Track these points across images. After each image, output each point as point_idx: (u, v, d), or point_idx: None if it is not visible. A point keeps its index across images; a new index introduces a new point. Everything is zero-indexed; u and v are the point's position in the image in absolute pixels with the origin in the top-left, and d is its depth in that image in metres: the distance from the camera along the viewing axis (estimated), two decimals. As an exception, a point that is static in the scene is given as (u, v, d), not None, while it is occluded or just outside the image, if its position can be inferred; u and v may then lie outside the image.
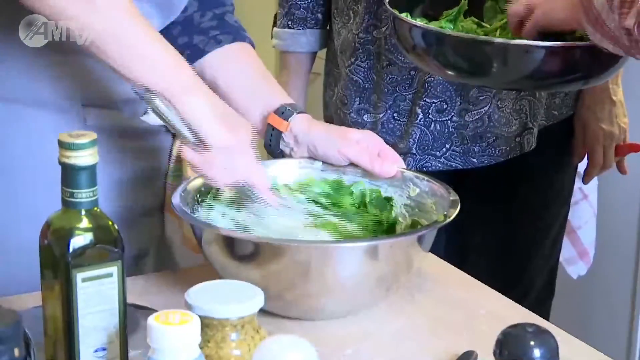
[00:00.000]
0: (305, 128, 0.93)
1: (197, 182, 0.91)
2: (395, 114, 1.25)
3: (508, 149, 1.30)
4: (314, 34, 1.34)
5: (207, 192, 0.91)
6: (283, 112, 0.92)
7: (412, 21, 1.01)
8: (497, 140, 1.29)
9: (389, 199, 0.93)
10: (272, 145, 0.95)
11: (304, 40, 1.34)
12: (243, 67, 0.99)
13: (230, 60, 0.99)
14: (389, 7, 1.03)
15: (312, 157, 0.93)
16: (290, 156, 0.95)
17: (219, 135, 0.81)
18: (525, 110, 1.29)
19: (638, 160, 1.69)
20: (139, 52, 0.80)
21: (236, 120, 0.85)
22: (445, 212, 0.86)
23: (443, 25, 1.06)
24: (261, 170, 0.88)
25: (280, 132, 0.93)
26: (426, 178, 0.92)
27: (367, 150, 0.91)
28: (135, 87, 0.80)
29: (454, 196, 0.88)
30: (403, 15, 1.01)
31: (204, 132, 0.81)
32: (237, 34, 1.01)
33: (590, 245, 1.73)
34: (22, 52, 0.88)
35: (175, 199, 0.86)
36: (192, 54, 0.99)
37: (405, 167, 0.95)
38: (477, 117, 1.26)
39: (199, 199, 0.91)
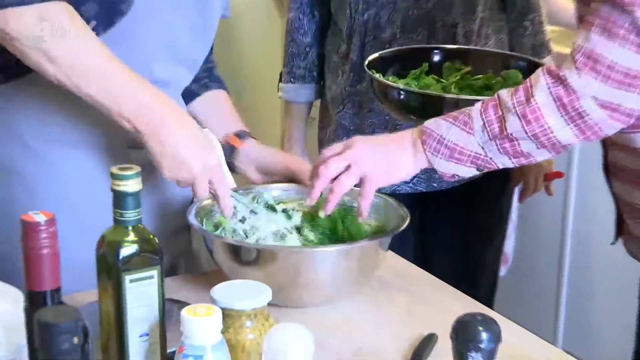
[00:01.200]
0: (255, 148, 0.94)
1: (208, 202, 0.88)
2: None
3: None
4: (311, 87, 1.33)
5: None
6: (239, 135, 0.94)
7: (384, 80, 1.03)
8: None
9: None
10: (228, 159, 0.94)
11: (302, 92, 1.33)
12: (220, 106, 1.00)
13: (212, 101, 1.00)
14: (367, 69, 1.04)
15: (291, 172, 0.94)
16: (243, 172, 0.95)
17: (178, 146, 0.75)
18: None
19: (559, 184, 1.71)
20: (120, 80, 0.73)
21: (206, 146, 0.80)
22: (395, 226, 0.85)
23: (409, 82, 1.05)
24: (226, 185, 0.82)
25: (235, 148, 0.93)
26: (392, 200, 0.87)
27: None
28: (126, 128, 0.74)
29: (403, 218, 0.83)
30: (377, 76, 1.03)
31: (182, 157, 0.75)
32: (220, 84, 1.03)
33: (510, 252, 1.76)
34: (78, 104, 0.84)
35: (190, 216, 0.83)
36: (188, 95, 0.97)
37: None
38: None
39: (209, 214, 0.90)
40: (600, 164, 0.98)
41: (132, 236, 0.65)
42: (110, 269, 0.66)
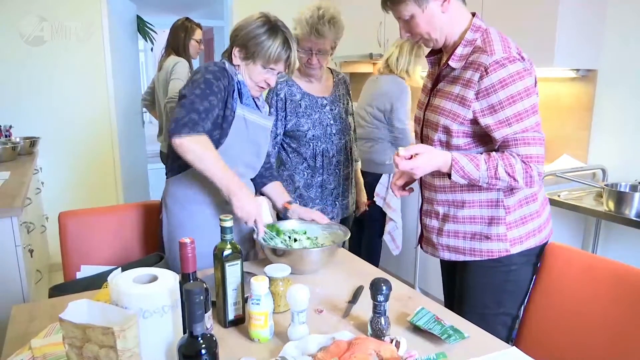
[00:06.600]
0: (297, 207, 1.14)
1: (262, 231, 1.03)
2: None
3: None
4: None
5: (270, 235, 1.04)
6: (290, 202, 1.16)
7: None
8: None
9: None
10: (283, 216, 1.14)
11: None
12: (277, 189, 1.21)
13: (273, 186, 1.22)
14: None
15: (303, 219, 1.11)
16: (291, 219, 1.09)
17: (243, 204, 0.97)
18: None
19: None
20: (220, 174, 0.96)
21: (253, 204, 0.99)
22: (342, 239, 1.06)
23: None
24: (260, 217, 1.00)
25: (287, 210, 1.13)
26: (339, 225, 1.12)
27: (319, 216, 1.12)
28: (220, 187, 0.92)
29: (346, 235, 1.08)
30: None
31: (237, 204, 0.96)
32: (275, 177, 1.23)
33: (400, 244, 2.07)
34: (203, 189, 1.08)
35: (255, 236, 1.03)
36: (263, 182, 1.22)
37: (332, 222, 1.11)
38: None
39: (268, 236, 1.05)
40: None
41: (229, 245, 0.79)
42: (220, 260, 0.80)
